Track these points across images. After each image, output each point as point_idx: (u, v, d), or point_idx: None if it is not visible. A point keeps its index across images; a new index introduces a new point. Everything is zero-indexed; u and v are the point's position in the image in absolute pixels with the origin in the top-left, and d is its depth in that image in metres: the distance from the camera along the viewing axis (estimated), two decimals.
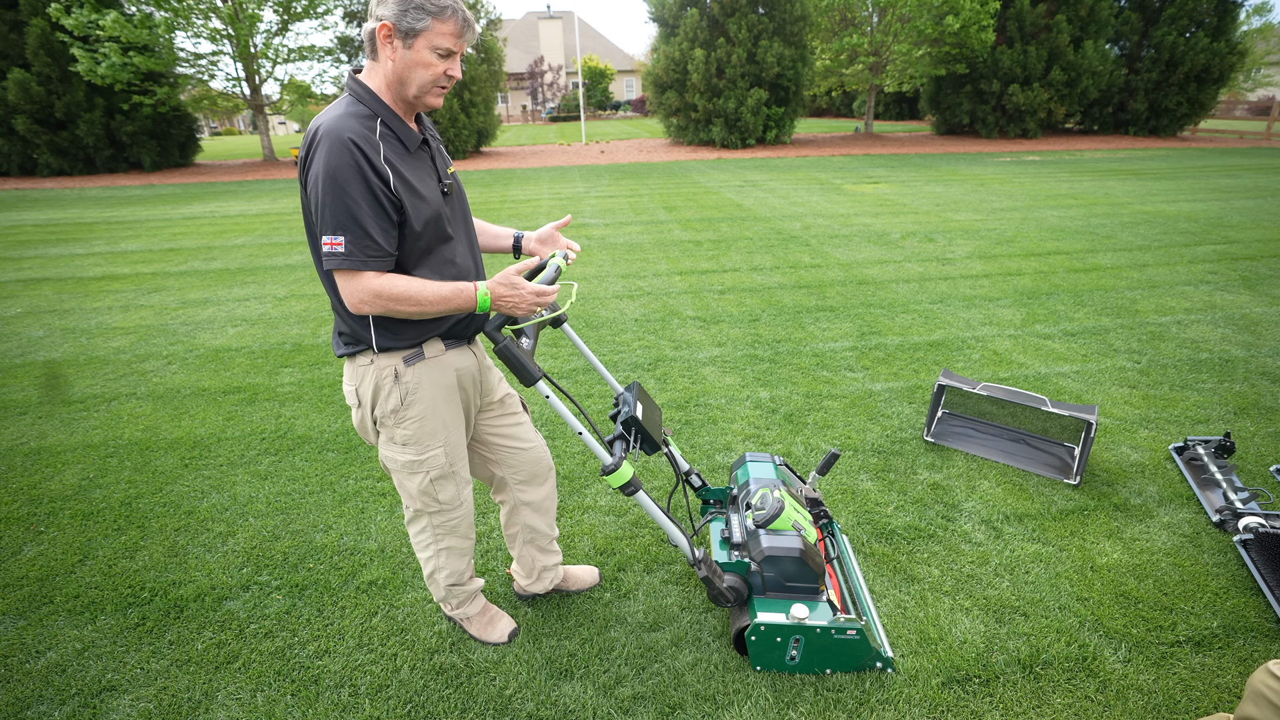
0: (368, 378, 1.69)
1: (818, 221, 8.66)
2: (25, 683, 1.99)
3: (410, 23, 1.44)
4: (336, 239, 1.45)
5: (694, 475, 2.44)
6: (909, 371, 4.06)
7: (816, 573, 1.96)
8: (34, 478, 3.12)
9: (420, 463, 1.76)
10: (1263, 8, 23.48)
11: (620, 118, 45.58)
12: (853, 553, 2.45)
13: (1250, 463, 3.00)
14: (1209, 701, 1.86)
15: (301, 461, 3.21)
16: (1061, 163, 14.93)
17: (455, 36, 1.49)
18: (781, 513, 2.03)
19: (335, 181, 1.43)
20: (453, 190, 1.71)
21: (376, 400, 1.70)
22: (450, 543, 1.94)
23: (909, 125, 29.21)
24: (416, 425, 1.73)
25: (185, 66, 17.34)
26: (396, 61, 1.49)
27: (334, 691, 1.95)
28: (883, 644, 2.02)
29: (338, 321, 1.69)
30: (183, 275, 6.83)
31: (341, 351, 1.70)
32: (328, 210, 1.44)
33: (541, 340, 4.71)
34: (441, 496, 1.83)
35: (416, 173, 1.57)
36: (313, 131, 1.48)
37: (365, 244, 1.47)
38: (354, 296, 1.51)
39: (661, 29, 19.91)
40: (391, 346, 1.65)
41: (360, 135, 1.45)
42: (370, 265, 1.48)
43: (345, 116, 1.47)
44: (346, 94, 1.55)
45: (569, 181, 13.68)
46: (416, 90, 1.52)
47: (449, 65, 1.52)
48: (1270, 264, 6.25)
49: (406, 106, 1.57)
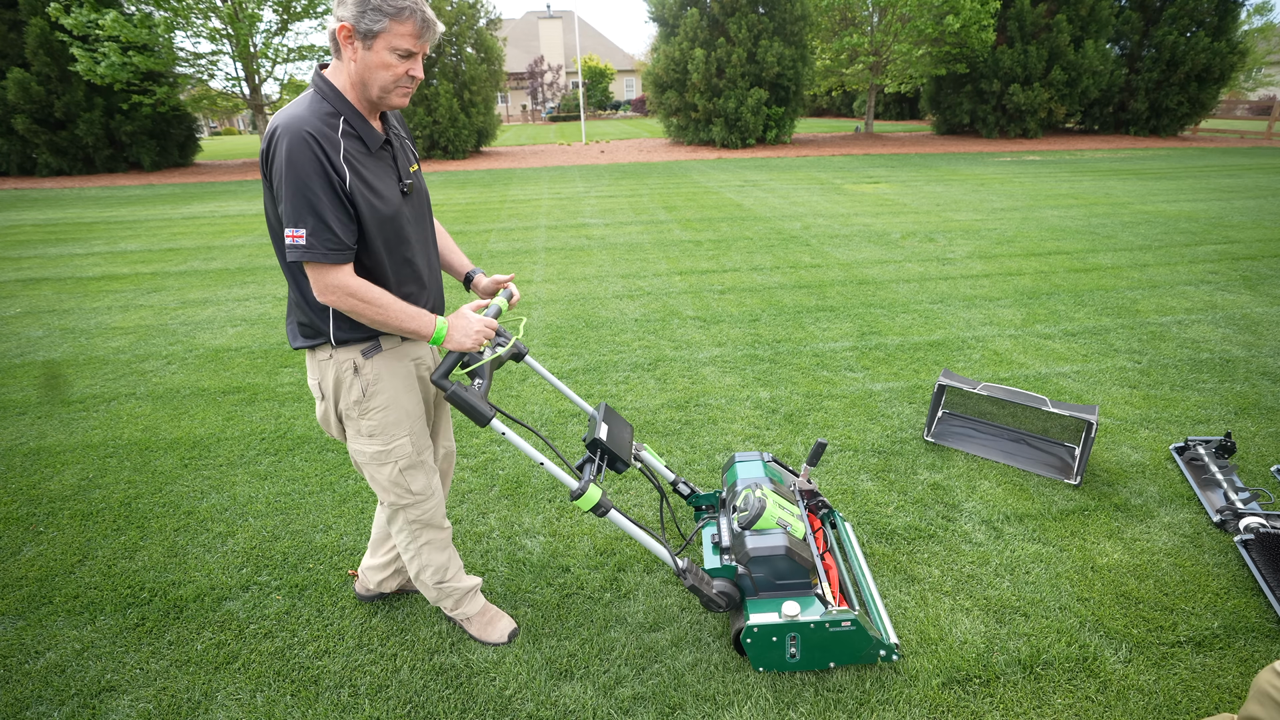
0: (329, 372, 1.73)
1: (818, 221, 8.66)
2: (24, 683, 1.99)
3: (369, 24, 1.46)
4: (298, 231, 1.47)
5: (681, 484, 2.44)
6: (909, 371, 4.06)
7: (805, 568, 1.95)
8: (33, 478, 3.11)
9: (388, 453, 1.80)
10: (1263, 7, 23.44)
11: (620, 117, 45.57)
12: (857, 540, 2.44)
13: (1251, 463, 3.00)
14: (1210, 702, 1.86)
15: (301, 461, 3.21)
16: (1062, 162, 14.93)
17: (414, 37, 1.50)
18: (764, 512, 2.03)
19: (296, 175, 1.45)
20: (413, 190, 1.73)
21: (339, 394, 1.74)
22: (428, 536, 1.96)
23: (909, 125, 29.20)
24: (380, 415, 1.76)
25: (185, 66, 17.32)
26: (358, 62, 1.51)
27: (334, 691, 1.95)
28: (885, 632, 2.01)
29: (295, 313, 1.72)
30: (182, 275, 6.83)
31: (299, 344, 1.73)
32: (290, 203, 1.47)
33: (541, 339, 4.71)
34: (413, 487, 1.86)
35: (376, 172, 1.59)
36: (273, 128, 1.49)
37: (326, 237, 1.49)
38: (322, 287, 1.54)
39: (661, 29, 19.90)
40: (349, 339, 1.68)
41: (320, 131, 1.48)
42: (330, 258, 1.51)
43: (306, 113, 1.49)
44: (312, 90, 1.57)
45: (569, 181, 13.67)
46: (378, 91, 1.54)
47: (410, 65, 1.53)
48: (1271, 264, 6.25)
49: (370, 106, 1.59)
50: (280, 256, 1.62)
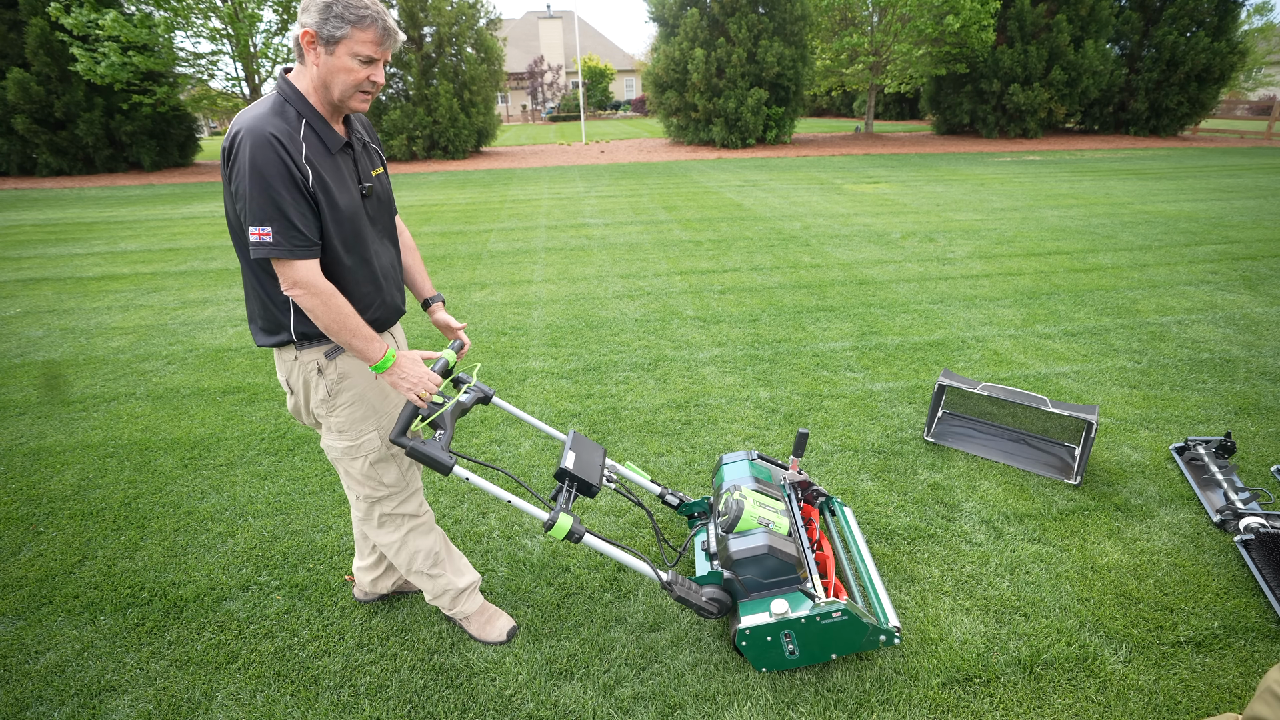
0: (295, 371, 1.78)
1: (818, 221, 8.66)
2: (24, 683, 1.99)
3: (331, 30, 1.50)
4: (264, 229, 1.50)
5: (669, 495, 2.44)
6: (909, 371, 4.06)
7: (791, 564, 1.94)
8: (33, 478, 3.11)
9: (357, 447, 1.84)
10: (1263, 7, 23.44)
11: (620, 117, 45.56)
12: (858, 526, 2.44)
13: (1251, 463, 3.00)
14: (1210, 702, 1.86)
15: (301, 461, 3.21)
16: (1062, 162, 14.93)
17: (376, 44, 1.55)
18: (743, 514, 2.03)
19: (261, 175, 1.48)
20: (373, 193, 1.77)
21: (308, 393, 1.79)
22: (409, 525, 1.97)
23: (909, 125, 29.20)
24: (347, 411, 1.80)
25: (185, 66, 17.32)
26: (320, 67, 1.55)
27: (334, 691, 1.95)
28: (885, 617, 2.00)
29: (254, 308, 1.74)
30: (182, 275, 6.83)
31: (262, 341, 1.76)
32: (254, 203, 1.50)
33: (542, 339, 4.71)
34: (385, 479, 1.89)
35: (335, 175, 1.63)
36: (235, 130, 1.52)
37: (292, 234, 1.53)
38: (289, 282, 1.57)
39: (661, 29, 19.90)
40: (309, 334, 1.71)
41: (283, 132, 1.51)
42: (297, 254, 1.55)
43: (269, 115, 1.53)
44: (275, 93, 1.60)
45: (569, 181, 13.67)
46: (339, 95, 1.58)
47: (371, 71, 1.57)
48: (1271, 264, 6.25)
49: (332, 109, 1.63)
50: (240, 254, 1.67)
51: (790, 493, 2.36)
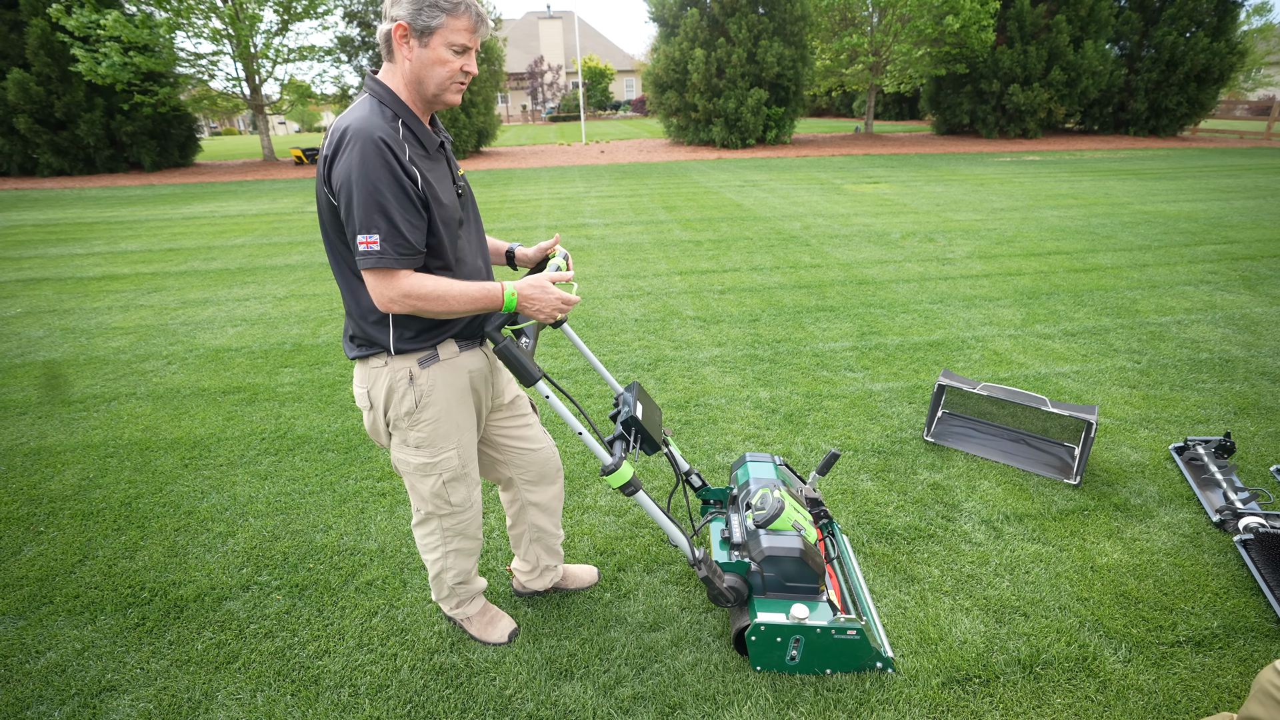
0: (380, 380, 1.68)
1: (818, 221, 8.66)
2: (25, 683, 1.99)
3: (425, 20, 1.45)
4: (371, 237, 1.45)
5: (694, 475, 2.44)
6: (909, 371, 4.06)
7: (816, 573, 1.96)
8: (34, 478, 3.12)
9: (434, 465, 1.77)
10: (1263, 7, 23.49)
11: (620, 118, 45.57)
12: (853, 553, 2.45)
13: (1250, 463, 3.00)
14: (1209, 702, 1.86)
15: (301, 461, 3.21)
16: (1061, 163, 14.93)
17: (470, 32, 1.50)
18: (782, 513, 2.03)
19: (368, 180, 1.43)
20: (465, 191, 1.73)
21: (390, 403, 1.70)
22: (459, 544, 1.94)
23: (909, 125, 29.20)
24: (431, 427, 1.73)
25: (185, 66, 17.35)
26: (413, 61, 1.49)
27: (334, 691, 1.95)
28: (883, 644, 2.02)
29: (349, 324, 1.69)
30: (183, 275, 6.83)
31: (354, 354, 1.70)
32: (361, 209, 1.44)
33: (542, 340, 4.71)
34: (453, 499, 1.84)
35: (436, 175, 1.58)
36: (340, 130, 1.47)
37: (399, 242, 1.47)
38: (384, 296, 1.51)
39: (661, 29, 19.91)
40: (407, 349, 1.65)
41: (389, 135, 1.46)
42: (402, 263, 1.48)
43: (372, 116, 1.47)
44: (367, 94, 1.55)
45: (569, 181, 13.68)
46: (435, 88, 1.53)
47: (465, 61, 1.52)
48: (1270, 264, 6.25)
49: (425, 106, 1.58)
50: (334, 264, 1.61)
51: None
